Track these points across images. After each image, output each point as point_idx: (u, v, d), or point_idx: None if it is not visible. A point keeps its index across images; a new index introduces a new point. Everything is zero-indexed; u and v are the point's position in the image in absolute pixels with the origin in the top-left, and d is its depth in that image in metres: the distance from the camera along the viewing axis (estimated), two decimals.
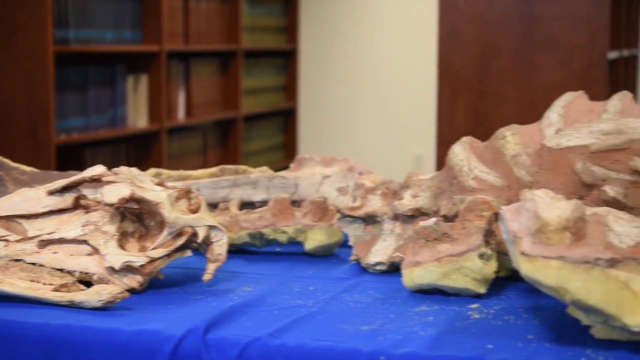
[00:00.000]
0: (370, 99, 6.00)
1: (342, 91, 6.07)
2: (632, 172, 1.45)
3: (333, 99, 6.10)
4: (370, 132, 6.00)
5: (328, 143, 6.12)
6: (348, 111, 6.06)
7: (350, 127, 6.07)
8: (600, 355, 1.14)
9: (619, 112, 1.62)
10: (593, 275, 1.12)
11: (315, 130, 6.20)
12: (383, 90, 5.95)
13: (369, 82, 5.99)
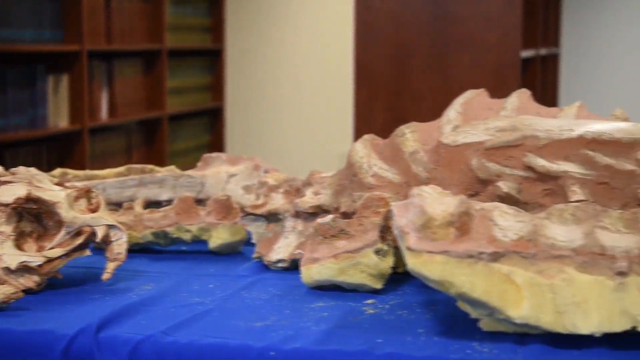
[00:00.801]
0: (294, 99, 6.01)
1: (268, 90, 6.07)
2: (525, 168, 1.48)
3: (259, 99, 6.10)
4: (295, 131, 6.01)
5: (255, 142, 6.11)
6: (274, 110, 6.07)
7: (276, 126, 6.08)
8: (485, 347, 1.17)
9: (515, 110, 1.66)
10: (477, 269, 1.15)
11: (241, 130, 6.19)
12: (305, 89, 5.97)
13: (292, 81, 6.00)
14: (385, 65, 3.08)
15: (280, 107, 6.06)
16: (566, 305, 1.15)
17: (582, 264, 1.16)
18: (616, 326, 1.14)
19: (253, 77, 6.12)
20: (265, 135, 6.11)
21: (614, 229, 1.23)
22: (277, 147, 6.00)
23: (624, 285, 1.14)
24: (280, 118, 6.06)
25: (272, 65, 6.06)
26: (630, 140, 1.49)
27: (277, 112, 6.07)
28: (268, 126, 6.12)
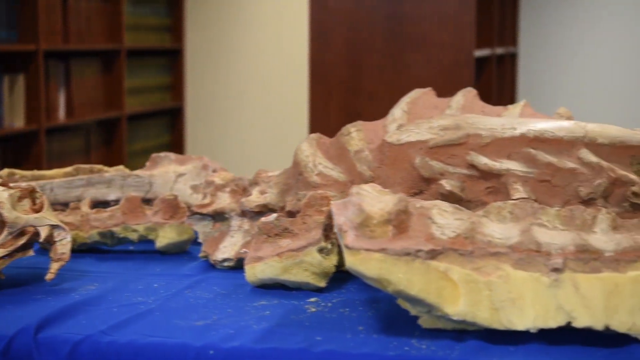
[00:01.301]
0: (252, 98, 6.01)
1: (228, 90, 6.06)
2: (468, 167, 1.49)
3: (219, 98, 6.09)
4: (253, 130, 6.01)
5: (215, 141, 6.10)
6: (233, 109, 6.06)
7: (235, 125, 6.07)
8: (423, 343, 1.17)
9: (461, 108, 1.67)
10: (414, 267, 1.16)
11: (202, 129, 6.18)
12: (262, 88, 5.96)
13: (250, 81, 6.00)
14: (339, 65, 3.08)
15: (239, 106, 6.05)
16: (502, 302, 1.16)
17: (518, 261, 1.17)
18: (551, 322, 1.15)
19: (213, 76, 6.11)
20: (225, 135, 6.11)
21: (550, 226, 1.24)
22: (237, 146, 6.00)
23: (558, 282, 1.16)
24: (239, 117, 6.05)
25: (231, 64, 6.05)
26: (571, 139, 1.50)
27: (236, 111, 6.06)
28: (228, 125, 6.11)
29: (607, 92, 5.89)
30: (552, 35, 5.87)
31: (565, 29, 5.89)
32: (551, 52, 5.89)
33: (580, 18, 5.90)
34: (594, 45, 5.88)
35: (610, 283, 1.15)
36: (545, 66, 5.92)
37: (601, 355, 1.13)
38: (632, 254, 1.17)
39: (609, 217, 1.25)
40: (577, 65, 5.90)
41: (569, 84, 5.91)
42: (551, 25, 5.88)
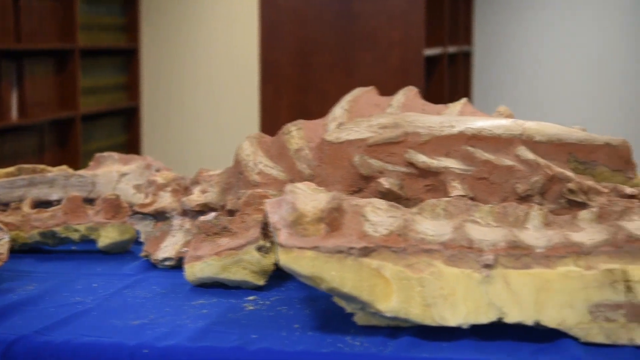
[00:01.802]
0: (205, 97, 5.99)
1: (183, 89, 6.04)
2: (406, 164, 1.50)
3: (175, 97, 6.07)
4: (207, 129, 5.99)
5: (171, 141, 6.08)
6: (188, 109, 6.04)
7: (190, 125, 6.05)
8: (357, 340, 1.18)
9: (401, 107, 1.68)
10: (346, 264, 1.16)
11: (158, 129, 6.16)
12: (215, 87, 5.95)
13: (204, 80, 5.98)
14: (290, 63, 3.09)
15: (193, 106, 6.04)
16: (434, 298, 1.17)
17: (451, 258, 1.19)
18: (482, 318, 1.17)
19: (168, 75, 6.09)
20: (181, 134, 6.09)
21: (484, 222, 1.25)
22: (193, 145, 5.98)
23: (490, 278, 1.17)
24: (194, 116, 6.04)
25: (186, 63, 6.04)
26: (509, 137, 1.52)
27: (191, 110, 6.04)
28: (184, 125, 6.09)
29: (562, 90, 5.94)
30: (508, 34, 5.91)
31: (521, 27, 5.93)
32: (506, 51, 5.93)
33: (536, 16, 5.94)
34: (549, 43, 5.93)
35: (540, 279, 1.16)
36: (500, 65, 5.95)
37: (530, 351, 1.14)
38: (562, 250, 1.19)
39: (541, 214, 1.27)
40: (532, 64, 5.94)
41: (525, 82, 5.95)
42: (506, 23, 5.92)
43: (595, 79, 5.87)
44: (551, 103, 5.94)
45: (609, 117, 5.88)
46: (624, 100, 5.87)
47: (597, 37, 5.85)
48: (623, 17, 5.84)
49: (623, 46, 5.85)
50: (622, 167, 1.56)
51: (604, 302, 1.15)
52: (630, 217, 1.24)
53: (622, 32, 5.85)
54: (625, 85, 5.86)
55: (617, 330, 1.15)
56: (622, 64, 5.85)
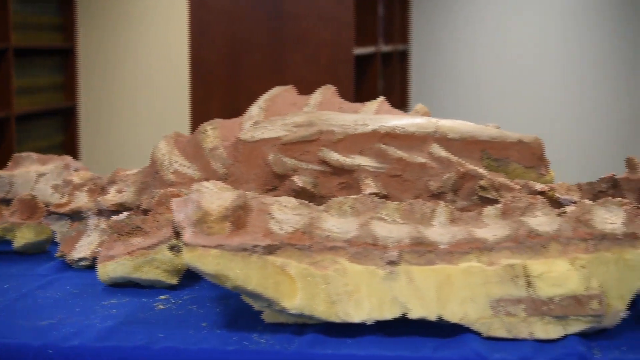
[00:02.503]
0: (141, 98, 5.96)
1: (119, 89, 6.00)
2: (320, 163, 1.51)
3: (112, 97, 6.03)
4: (145, 129, 5.96)
5: (109, 141, 6.04)
6: (125, 109, 6.00)
7: (127, 125, 6.02)
8: (263, 338, 1.19)
9: (318, 105, 1.69)
10: (251, 262, 1.17)
11: (96, 129, 6.11)
12: (147, 88, 5.91)
13: (138, 80, 5.95)
14: (220, 63, 3.08)
15: (129, 105, 6.00)
16: (338, 295, 1.18)
17: (355, 255, 1.19)
18: (387, 314, 1.18)
19: (105, 75, 6.05)
20: (119, 134, 6.05)
21: (390, 219, 1.26)
22: (131, 145, 5.95)
23: (394, 274, 1.18)
24: (130, 116, 6.00)
25: (122, 63, 6.00)
26: (422, 134, 1.53)
27: (127, 110, 6.01)
28: (121, 124, 6.05)
29: (500, 89, 5.99)
30: (446, 33, 5.95)
31: (459, 26, 5.97)
32: (445, 50, 5.97)
33: (474, 15, 5.99)
34: (487, 42, 5.98)
35: (443, 274, 1.18)
36: (438, 63, 5.99)
37: (433, 346, 1.15)
38: (466, 246, 1.20)
39: (447, 210, 1.28)
40: (470, 62, 5.98)
41: (463, 81, 5.99)
42: (444, 22, 5.96)
43: (532, 78, 5.93)
44: (489, 102, 5.99)
45: (546, 115, 5.94)
46: (560, 98, 5.94)
47: (535, 36, 5.91)
48: (560, 16, 5.91)
49: (560, 46, 5.92)
50: (535, 164, 1.58)
51: (504, 297, 1.17)
52: (533, 213, 1.26)
53: (559, 31, 5.92)
54: (561, 84, 5.93)
55: (517, 325, 1.17)
56: (559, 63, 5.92)
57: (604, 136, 5.93)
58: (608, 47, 5.88)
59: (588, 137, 5.93)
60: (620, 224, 1.20)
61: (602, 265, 1.17)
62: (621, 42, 5.87)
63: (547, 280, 1.16)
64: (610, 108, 5.91)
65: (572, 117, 5.95)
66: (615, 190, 1.53)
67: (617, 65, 5.88)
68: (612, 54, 5.88)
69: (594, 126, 5.92)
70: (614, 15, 5.87)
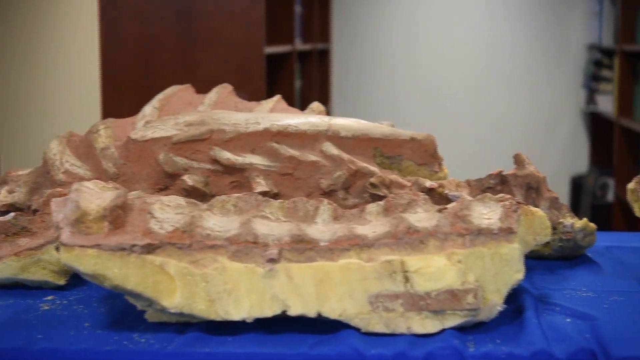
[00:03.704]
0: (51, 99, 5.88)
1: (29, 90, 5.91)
2: (212, 162, 1.51)
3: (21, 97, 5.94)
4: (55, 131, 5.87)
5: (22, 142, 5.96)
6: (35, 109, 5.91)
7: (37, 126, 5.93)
8: (144, 337, 1.19)
9: (213, 104, 1.69)
10: (129, 262, 1.17)
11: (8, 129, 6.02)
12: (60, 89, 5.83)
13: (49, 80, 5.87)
14: (131, 63, 3.06)
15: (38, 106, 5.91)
16: (218, 293, 1.18)
17: (236, 253, 1.20)
18: (267, 311, 1.18)
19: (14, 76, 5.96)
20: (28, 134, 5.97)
21: (273, 217, 1.27)
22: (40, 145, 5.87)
23: (273, 272, 1.19)
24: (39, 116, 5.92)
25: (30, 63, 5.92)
26: (315, 132, 1.54)
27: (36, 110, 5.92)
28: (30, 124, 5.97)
29: (425, 89, 6.03)
30: (368, 31, 5.98)
31: (382, 24, 6.00)
32: (367, 48, 6.00)
33: (397, 13, 6.02)
34: (411, 40, 6.01)
35: (321, 271, 1.19)
36: (361, 62, 6.02)
37: (311, 343, 1.16)
38: (346, 243, 1.21)
39: (330, 208, 1.29)
40: (394, 61, 6.01)
41: (384, 78, 6.02)
42: (367, 20, 5.99)
43: (450, 77, 5.99)
44: (410, 100, 6.03)
45: (467, 114, 6.00)
46: (477, 97, 6.01)
47: (453, 35, 5.97)
48: (478, 17, 5.97)
49: (483, 45, 5.98)
50: (428, 161, 1.60)
51: (383, 293, 1.18)
52: (414, 210, 1.27)
53: (476, 31, 5.98)
54: (476, 83, 6.00)
55: (395, 320, 1.18)
56: (476, 62, 5.99)
57: (515, 135, 6.01)
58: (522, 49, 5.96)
59: (504, 135, 6.00)
60: (496, 219, 1.22)
61: (478, 260, 1.19)
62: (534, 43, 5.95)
63: (424, 276, 1.18)
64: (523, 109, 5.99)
65: (488, 116, 6.01)
66: (503, 186, 1.56)
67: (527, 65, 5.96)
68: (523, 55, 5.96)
69: (509, 125, 5.99)
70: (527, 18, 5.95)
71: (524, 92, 5.95)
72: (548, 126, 5.98)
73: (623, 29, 4.93)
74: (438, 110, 5.99)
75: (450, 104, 6.00)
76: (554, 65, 5.93)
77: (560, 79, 5.92)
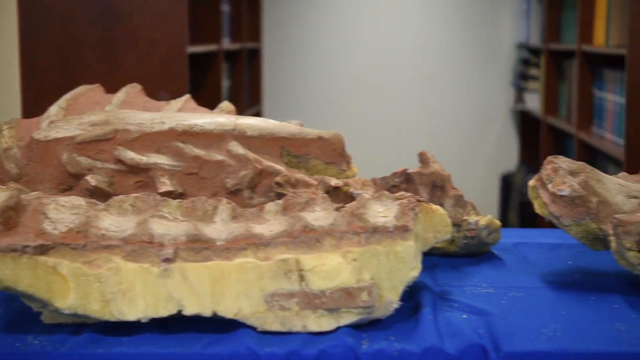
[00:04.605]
0: None
1: None
2: (116, 162, 1.50)
3: None
4: None
5: None
6: None
7: None
8: (38, 339, 1.18)
9: (121, 104, 1.68)
10: (21, 263, 1.16)
11: None
12: None
13: None
14: (52, 63, 3.03)
15: None
16: (112, 294, 1.18)
17: (131, 253, 1.19)
18: (162, 311, 1.18)
19: None
20: None
21: (171, 217, 1.27)
22: None
23: (168, 272, 1.18)
24: None
25: None
26: (221, 132, 1.54)
27: None
28: None
29: (358, 89, 6.05)
30: (300, 30, 5.98)
31: (314, 23, 6.00)
32: (297, 48, 6.00)
33: (327, 13, 6.02)
34: (344, 40, 6.02)
35: (217, 271, 1.19)
36: (291, 61, 6.01)
37: (206, 342, 1.16)
38: (243, 242, 1.21)
39: (229, 207, 1.29)
40: (323, 60, 6.02)
41: (316, 78, 6.03)
42: (299, 19, 5.99)
43: (386, 76, 6.01)
44: (343, 100, 6.05)
45: (398, 113, 6.03)
46: (413, 97, 6.04)
47: (389, 34, 5.99)
48: (412, 15, 6.00)
49: (413, 44, 6.01)
50: (335, 160, 1.61)
51: (278, 292, 1.19)
52: (312, 208, 1.28)
53: (411, 30, 6.01)
54: (414, 84, 6.03)
55: (291, 318, 1.19)
56: (411, 62, 6.02)
57: (447, 133, 6.05)
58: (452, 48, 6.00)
59: (436, 133, 6.04)
60: (392, 217, 1.22)
61: (373, 257, 1.20)
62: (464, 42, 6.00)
63: (319, 274, 1.18)
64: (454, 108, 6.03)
65: (419, 115, 6.05)
66: (408, 184, 1.57)
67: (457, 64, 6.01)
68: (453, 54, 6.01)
69: (440, 124, 6.03)
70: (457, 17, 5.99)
71: (454, 91, 6.00)
72: (479, 125, 6.03)
73: (549, 28, 5.00)
74: (370, 109, 6.01)
75: (381, 103, 6.02)
76: (483, 64, 5.98)
77: (490, 78, 5.98)
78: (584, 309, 1.29)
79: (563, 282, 1.43)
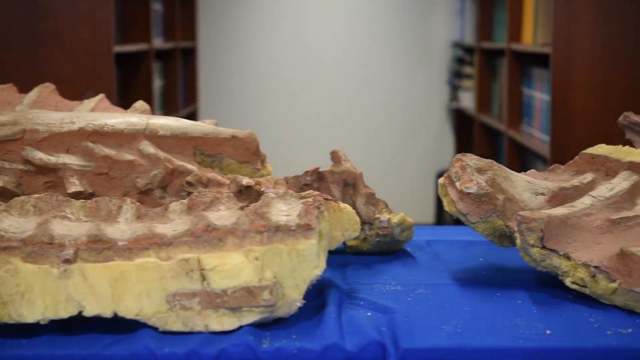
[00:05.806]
0: None
1: None
2: (24, 162, 1.49)
3: None
4: None
5: None
6: None
7: None
8: None
9: (33, 104, 1.66)
10: None
11: None
12: None
13: None
14: None
15: None
16: (11, 296, 1.16)
17: (30, 254, 1.18)
18: (62, 312, 1.17)
19: None
20: None
21: (74, 217, 1.26)
22: None
23: (68, 273, 1.18)
24: None
25: None
26: (132, 132, 1.54)
27: None
28: None
29: (288, 87, 6.05)
30: (236, 29, 5.96)
31: (247, 22, 5.99)
32: (234, 47, 5.98)
33: (263, 12, 6.02)
34: (278, 39, 6.02)
35: (117, 271, 1.18)
36: (228, 60, 5.99)
37: (105, 343, 1.15)
38: (145, 242, 1.21)
39: (133, 207, 1.28)
40: (259, 59, 6.01)
41: (252, 77, 6.02)
42: (235, 18, 5.97)
43: (321, 75, 6.02)
44: (281, 100, 6.05)
45: (333, 112, 6.04)
46: (348, 96, 6.05)
47: (324, 33, 6.00)
48: (347, 14, 6.02)
49: (348, 43, 6.02)
50: (250, 159, 1.61)
51: (180, 291, 1.18)
52: (216, 207, 1.28)
53: (347, 29, 6.02)
54: (349, 83, 6.04)
55: (193, 318, 1.18)
56: (346, 60, 6.03)
57: (382, 131, 6.08)
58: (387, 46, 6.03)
59: (371, 132, 6.06)
60: (295, 216, 1.23)
61: (276, 256, 1.20)
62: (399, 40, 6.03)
63: (220, 273, 1.18)
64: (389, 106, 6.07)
65: (354, 114, 6.07)
66: (320, 182, 1.58)
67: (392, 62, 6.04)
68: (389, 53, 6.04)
69: (376, 122, 6.06)
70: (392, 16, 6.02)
71: (390, 89, 6.02)
72: (414, 123, 6.06)
73: (481, 27, 5.04)
74: (306, 109, 6.02)
75: (316, 102, 6.03)
76: (419, 63, 6.01)
77: (425, 76, 6.01)
78: (488, 306, 1.31)
79: (472, 278, 1.44)
